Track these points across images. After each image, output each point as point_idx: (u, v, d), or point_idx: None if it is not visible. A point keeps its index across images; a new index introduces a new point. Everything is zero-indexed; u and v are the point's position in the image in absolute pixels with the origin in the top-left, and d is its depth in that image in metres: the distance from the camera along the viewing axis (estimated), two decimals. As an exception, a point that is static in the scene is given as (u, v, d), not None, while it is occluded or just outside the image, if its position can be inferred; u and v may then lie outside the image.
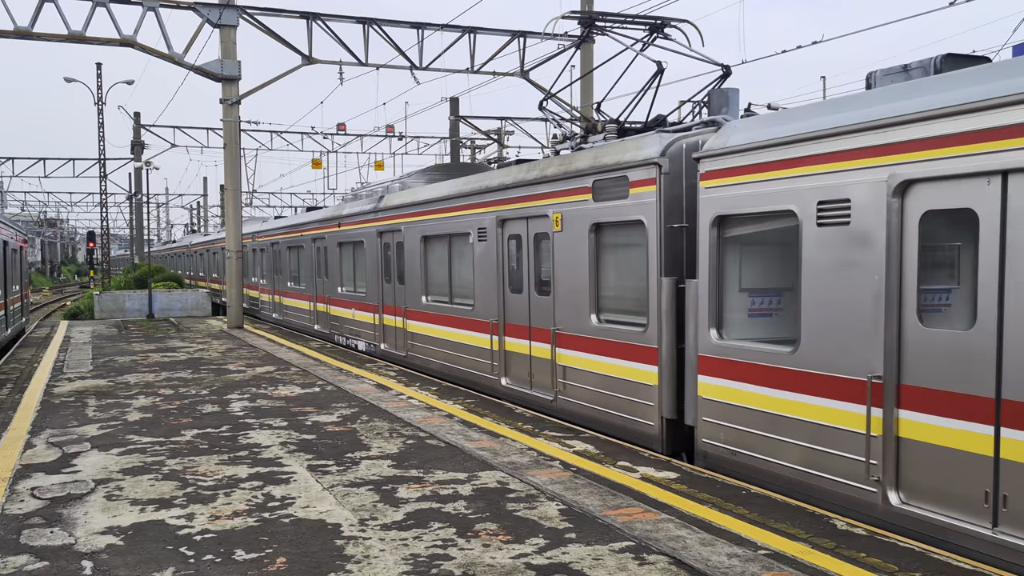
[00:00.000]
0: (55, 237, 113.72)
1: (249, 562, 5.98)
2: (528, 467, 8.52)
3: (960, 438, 6.11)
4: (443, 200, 14.64)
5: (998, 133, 5.78)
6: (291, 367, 16.41)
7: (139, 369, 16.32)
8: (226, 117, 24.42)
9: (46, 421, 11.21)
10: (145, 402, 12.60)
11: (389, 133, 42.99)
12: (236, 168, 25.10)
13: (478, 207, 13.29)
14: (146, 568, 5.89)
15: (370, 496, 7.57)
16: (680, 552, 6.06)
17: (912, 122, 6.35)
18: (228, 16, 23.41)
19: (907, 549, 6.09)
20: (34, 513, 7.18)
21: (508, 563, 5.91)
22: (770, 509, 7.07)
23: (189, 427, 10.70)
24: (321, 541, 6.40)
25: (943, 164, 6.14)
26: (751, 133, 7.96)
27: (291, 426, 10.71)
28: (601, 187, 10.01)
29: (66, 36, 21.98)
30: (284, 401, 12.57)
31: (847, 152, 6.89)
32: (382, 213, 17.75)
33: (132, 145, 50.68)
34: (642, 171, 9.28)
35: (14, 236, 24.94)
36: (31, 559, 6.10)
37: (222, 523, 6.85)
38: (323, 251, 22.14)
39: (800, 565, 5.81)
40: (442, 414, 11.38)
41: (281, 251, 26.80)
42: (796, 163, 7.37)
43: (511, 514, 7.00)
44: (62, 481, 8.20)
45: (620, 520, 6.79)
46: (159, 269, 45.53)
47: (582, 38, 12.00)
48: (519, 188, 12.00)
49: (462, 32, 26.04)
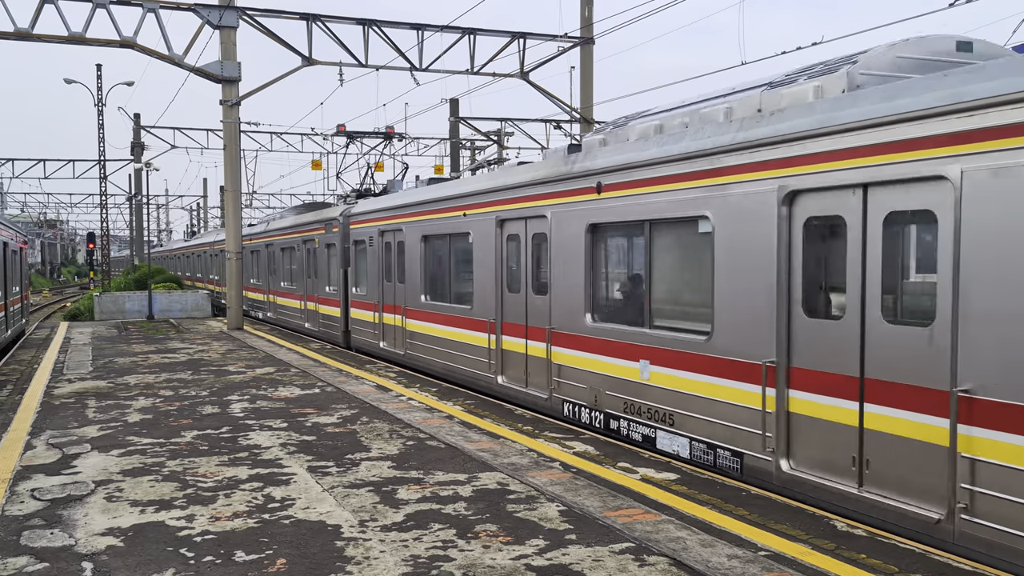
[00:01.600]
0: (55, 238, 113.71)
1: (249, 563, 5.98)
2: (528, 468, 8.52)
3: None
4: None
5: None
6: (291, 368, 16.41)
7: (139, 370, 16.31)
8: (226, 118, 24.42)
9: (46, 422, 11.21)
10: (145, 403, 12.60)
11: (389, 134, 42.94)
12: (236, 169, 25.10)
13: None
14: (146, 569, 5.89)
15: (370, 497, 7.57)
16: (680, 553, 6.06)
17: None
18: (228, 17, 23.41)
19: (907, 550, 6.09)
20: (34, 514, 7.18)
21: (508, 564, 5.91)
22: (770, 510, 7.07)
23: (189, 428, 10.71)
24: (321, 542, 6.40)
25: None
26: (363, 207, 19.92)
27: (291, 427, 10.71)
28: (328, 225, 22.30)
29: (66, 37, 21.97)
30: (284, 402, 12.57)
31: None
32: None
33: (132, 146, 50.66)
34: (338, 220, 21.32)
35: (14, 237, 24.94)
36: (31, 560, 6.10)
37: (222, 524, 6.85)
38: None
39: (800, 566, 5.81)
40: (442, 415, 11.38)
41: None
42: (369, 221, 18.97)
43: (511, 515, 7.00)
44: (62, 482, 8.20)
45: (620, 521, 6.79)
46: (159, 270, 45.53)
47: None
48: (284, 231, 26.43)
49: (462, 33, 26.03)
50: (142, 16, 22.49)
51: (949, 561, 5.87)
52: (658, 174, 9.33)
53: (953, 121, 6.18)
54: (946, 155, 6.23)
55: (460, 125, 37.97)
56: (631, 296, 10.28)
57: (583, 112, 28.87)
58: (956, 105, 6.14)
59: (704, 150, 8.61)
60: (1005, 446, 5.86)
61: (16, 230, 26.41)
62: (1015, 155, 5.76)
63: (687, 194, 8.90)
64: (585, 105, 28.89)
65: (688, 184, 8.88)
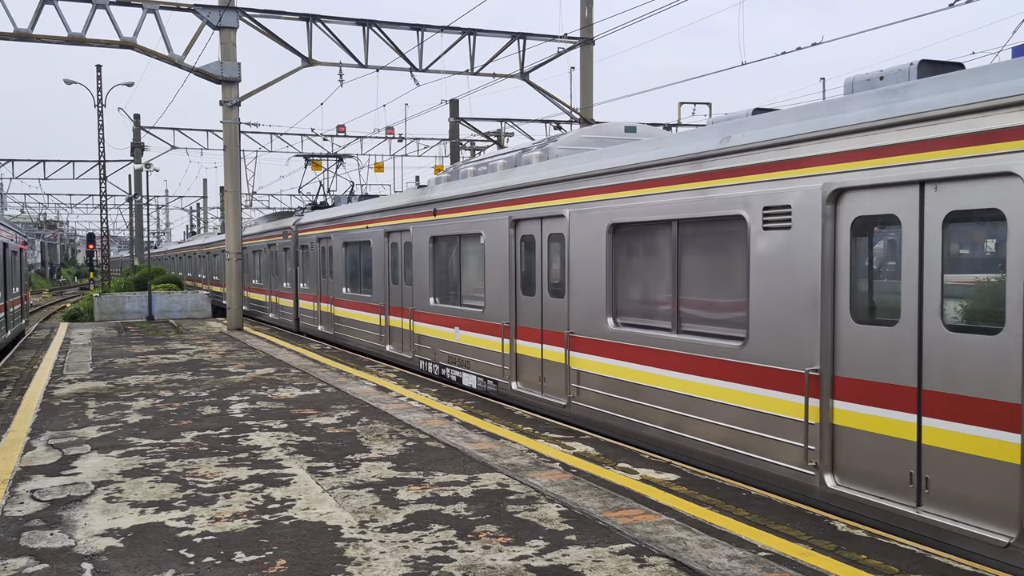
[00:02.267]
0: (55, 239, 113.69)
1: (249, 564, 5.98)
2: (528, 469, 8.51)
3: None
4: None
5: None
6: (291, 369, 16.41)
7: (139, 371, 16.31)
8: (226, 119, 24.43)
9: (46, 423, 11.20)
10: (145, 404, 12.59)
11: (389, 135, 42.98)
12: (236, 170, 25.11)
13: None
14: (146, 570, 5.89)
15: (370, 498, 7.57)
16: (680, 554, 6.06)
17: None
18: (228, 18, 23.42)
19: (908, 551, 6.09)
20: (34, 515, 7.18)
21: (508, 565, 5.91)
22: (770, 511, 7.07)
23: (189, 429, 10.70)
24: (321, 543, 6.40)
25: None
26: (309, 217, 24.67)
27: (291, 428, 10.70)
28: (284, 232, 26.65)
29: (66, 38, 21.98)
30: (284, 403, 12.57)
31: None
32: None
33: (132, 147, 50.64)
34: (292, 228, 25.91)
35: (14, 238, 24.93)
36: (31, 561, 6.10)
37: (222, 525, 6.85)
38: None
39: (801, 567, 5.80)
40: (442, 416, 11.38)
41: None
42: (313, 229, 23.90)
43: (511, 516, 7.00)
44: (62, 483, 8.19)
45: (620, 522, 6.79)
46: (159, 271, 45.51)
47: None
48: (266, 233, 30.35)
49: (462, 34, 26.04)
50: (142, 17, 22.50)
51: (949, 561, 5.87)
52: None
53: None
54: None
55: (460, 126, 37.98)
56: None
57: (583, 112, 28.88)
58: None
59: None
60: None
61: (16, 231, 26.40)
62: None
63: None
64: (585, 105, 28.90)
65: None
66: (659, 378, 9.44)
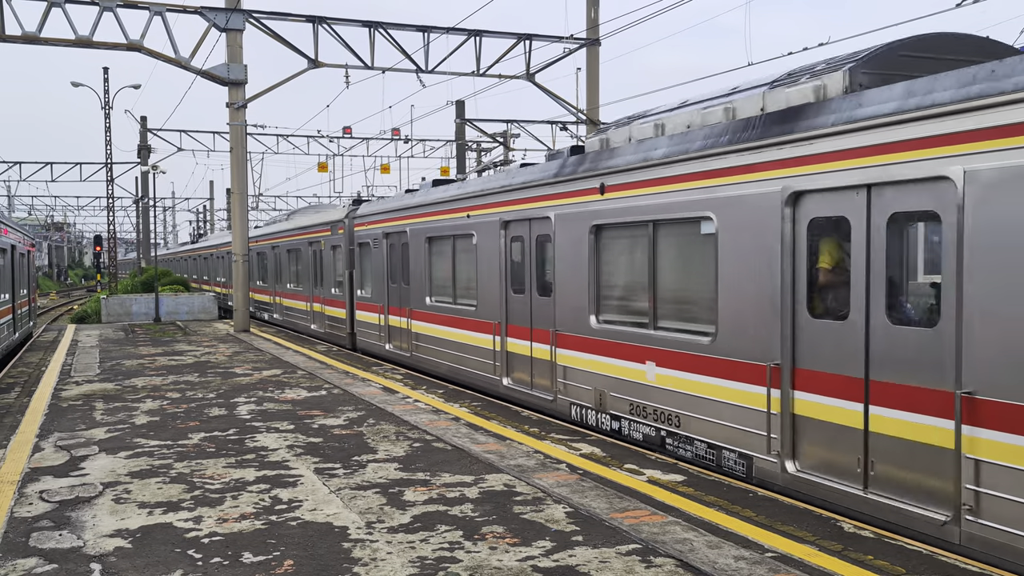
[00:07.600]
0: (62, 241, 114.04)
1: (257, 564, 6.00)
2: (535, 470, 8.52)
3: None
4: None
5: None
6: (298, 370, 16.44)
7: (146, 372, 16.36)
8: (233, 121, 24.48)
9: (54, 424, 11.25)
10: (152, 405, 12.63)
11: (395, 136, 43.03)
12: (242, 171, 25.15)
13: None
14: (154, 571, 5.92)
15: (377, 499, 7.58)
16: (687, 555, 6.06)
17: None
18: (235, 20, 23.47)
19: (914, 552, 6.08)
20: (43, 516, 7.21)
21: (515, 566, 5.92)
22: (776, 511, 7.07)
23: (196, 430, 10.73)
24: (328, 544, 6.42)
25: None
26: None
27: (298, 429, 10.73)
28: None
29: (73, 41, 22.06)
30: (291, 404, 12.60)
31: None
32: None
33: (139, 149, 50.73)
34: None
35: (21, 240, 25.03)
36: (40, 562, 6.13)
37: (230, 526, 6.87)
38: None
39: (807, 567, 5.80)
40: (448, 417, 11.39)
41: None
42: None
43: (518, 517, 7.01)
44: (70, 484, 8.23)
45: (627, 523, 6.79)
46: (165, 273, 45.62)
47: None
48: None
49: (468, 35, 26.05)
50: (149, 19, 22.57)
51: (956, 562, 5.86)
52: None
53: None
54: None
55: (466, 127, 37.99)
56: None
57: (589, 113, 28.87)
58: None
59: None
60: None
61: (24, 233, 26.51)
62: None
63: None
64: (591, 106, 28.89)
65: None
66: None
